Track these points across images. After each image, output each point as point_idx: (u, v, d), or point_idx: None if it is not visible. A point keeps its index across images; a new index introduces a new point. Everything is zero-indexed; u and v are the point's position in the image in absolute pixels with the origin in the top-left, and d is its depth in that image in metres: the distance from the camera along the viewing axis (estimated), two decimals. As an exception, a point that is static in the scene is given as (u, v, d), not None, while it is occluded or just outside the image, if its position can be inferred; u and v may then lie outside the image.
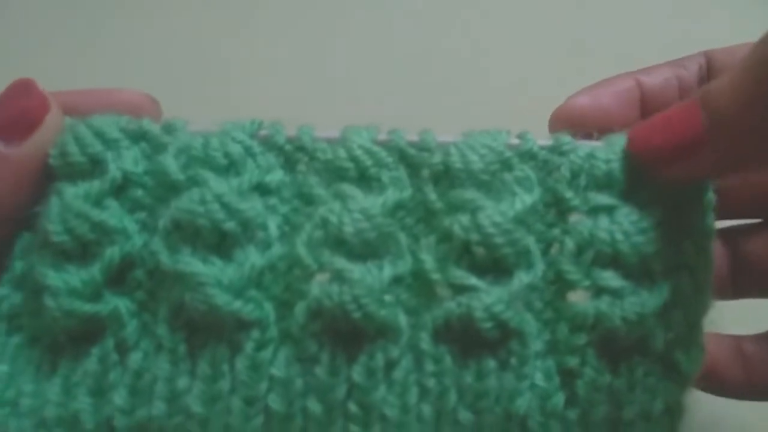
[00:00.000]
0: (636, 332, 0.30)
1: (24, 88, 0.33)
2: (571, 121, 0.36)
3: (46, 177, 0.33)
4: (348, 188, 0.32)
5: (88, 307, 0.31)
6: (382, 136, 0.34)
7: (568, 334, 0.31)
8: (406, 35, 0.66)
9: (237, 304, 0.31)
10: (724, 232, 0.38)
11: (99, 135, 0.33)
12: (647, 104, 0.38)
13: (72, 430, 0.31)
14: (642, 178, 0.32)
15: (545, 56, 0.64)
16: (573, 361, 0.31)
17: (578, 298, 0.31)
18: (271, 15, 0.69)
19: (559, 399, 0.31)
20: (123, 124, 0.34)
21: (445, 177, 0.32)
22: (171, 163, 0.33)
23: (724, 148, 0.28)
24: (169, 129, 0.34)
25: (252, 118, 0.34)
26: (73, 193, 0.32)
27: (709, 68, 0.38)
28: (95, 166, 0.33)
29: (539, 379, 0.31)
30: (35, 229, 0.33)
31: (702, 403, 0.39)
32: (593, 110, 0.36)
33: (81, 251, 0.32)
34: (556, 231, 0.32)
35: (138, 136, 0.34)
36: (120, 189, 0.33)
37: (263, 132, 0.34)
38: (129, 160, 0.33)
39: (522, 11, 0.68)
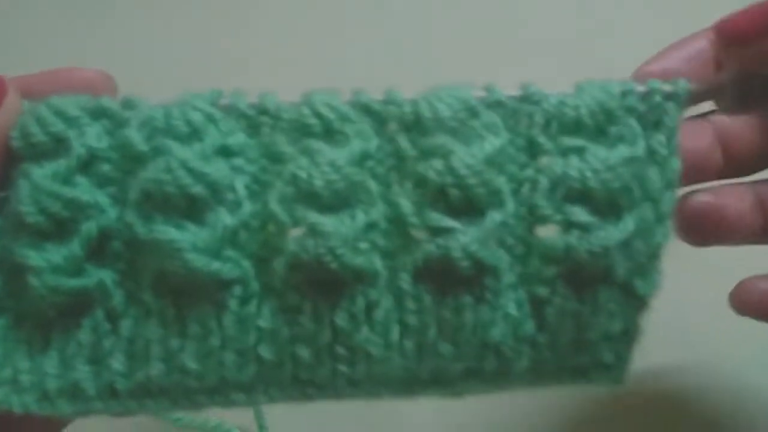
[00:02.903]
0: (601, 263, 0.32)
1: None
2: None
3: (9, 160, 0.33)
4: (314, 143, 0.32)
5: (73, 282, 0.32)
6: (346, 97, 0.33)
7: (539, 266, 0.33)
8: (407, 34, 0.66)
9: (215, 265, 0.32)
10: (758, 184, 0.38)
11: (59, 114, 0.33)
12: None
13: (75, 399, 0.33)
14: (612, 119, 0.33)
15: (546, 57, 0.63)
16: (543, 291, 0.33)
17: (547, 233, 0.33)
18: (271, 12, 0.67)
19: (530, 326, 0.33)
20: (82, 103, 0.33)
21: (416, 126, 0.33)
22: (134, 135, 0.32)
23: None
24: (128, 105, 0.34)
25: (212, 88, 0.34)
26: (41, 173, 0.32)
27: None
28: (58, 145, 0.33)
29: (511, 308, 0.32)
30: (3, 213, 0.33)
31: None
32: (664, 77, 0.35)
33: (56, 229, 0.32)
34: (529, 171, 0.33)
35: (98, 113, 0.33)
36: (86, 165, 0.33)
37: (224, 101, 0.34)
38: (92, 136, 0.33)
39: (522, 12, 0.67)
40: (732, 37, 0.34)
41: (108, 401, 0.33)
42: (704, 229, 0.36)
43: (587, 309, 0.33)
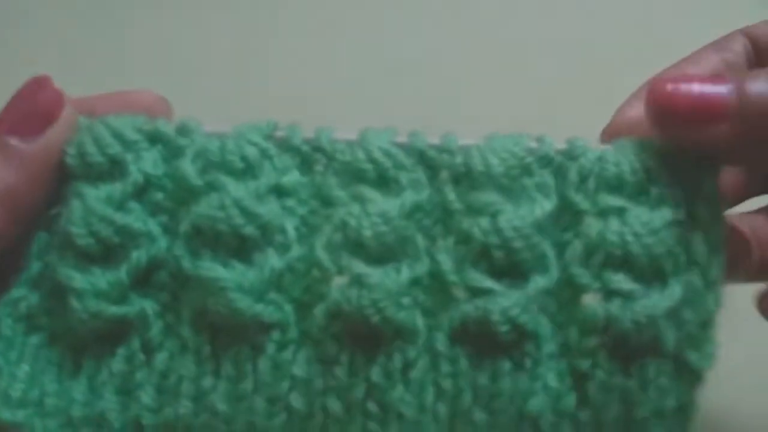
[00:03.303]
0: (647, 333, 0.31)
1: (39, 85, 0.34)
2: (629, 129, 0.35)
3: (61, 175, 0.34)
4: (367, 191, 0.32)
5: (114, 309, 0.32)
6: (401, 138, 0.34)
7: (580, 337, 0.32)
8: (414, 35, 0.67)
9: (258, 307, 0.32)
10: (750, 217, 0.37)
11: (117, 136, 0.33)
12: None
13: (99, 429, 0.33)
14: (652, 179, 0.32)
15: (545, 58, 0.64)
16: (584, 364, 0.31)
17: (592, 301, 0.32)
18: (278, 13, 0.68)
19: (571, 399, 0.32)
20: (139, 125, 0.34)
21: (466, 179, 0.32)
22: (189, 169, 0.33)
23: (749, 126, 0.29)
24: (183, 131, 0.34)
25: (267, 119, 0.34)
26: (95, 195, 0.33)
27: (755, 47, 0.38)
28: (114, 167, 0.33)
29: (552, 380, 0.31)
30: (52, 229, 0.33)
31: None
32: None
33: (104, 253, 0.33)
34: (569, 234, 0.33)
35: (155, 138, 0.34)
36: (141, 192, 0.34)
37: (279, 133, 0.34)
38: (149, 162, 0.34)
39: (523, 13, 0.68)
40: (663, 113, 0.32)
41: None
42: None
43: (634, 384, 0.31)
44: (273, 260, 0.32)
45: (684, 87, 0.31)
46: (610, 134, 0.36)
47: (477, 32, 0.67)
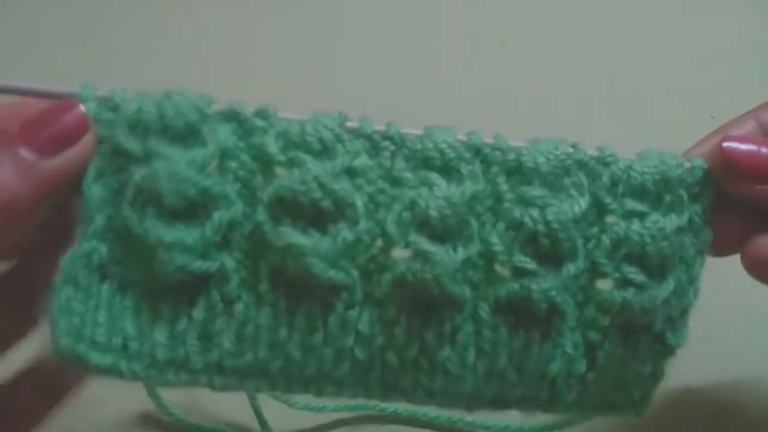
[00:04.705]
0: (647, 317, 0.38)
1: (68, 107, 0.35)
2: None
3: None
4: (434, 176, 0.37)
5: (200, 263, 0.35)
6: (461, 136, 0.38)
7: (595, 315, 0.39)
8: (407, 35, 0.68)
9: (331, 272, 0.36)
10: None
11: (196, 107, 0.36)
12: None
13: (182, 370, 0.36)
14: (667, 189, 0.38)
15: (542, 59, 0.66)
16: (596, 336, 0.39)
17: (604, 286, 0.39)
18: (272, 13, 0.69)
19: (582, 364, 0.39)
20: (210, 102, 0.36)
21: (517, 173, 0.38)
22: (272, 145, 0.36)
23: None
24: (262, 114, 0.37)
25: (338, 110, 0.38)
26: (180, 157, 0.35)
27: None
28: (189, 134, 0.36)
29: (569, 347, 0.38)
30: (105, 183, 0.36)
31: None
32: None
33: (187, 211, 0.35)
34: (595, 229, 0.39)
35: (230, 116, 0.37)
36: (217, 160, 0.36)
37: (349, 123, 0.38)
38: (224, 135, 0.36)
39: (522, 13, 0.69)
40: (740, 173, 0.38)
41: (213, 376, 0.36)
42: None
43: (629, 354, 0.39)
44: (345, 232, 0.36)
45: (748, 147, 0.38)
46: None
47: (477, 32, 0.69)
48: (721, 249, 0.41)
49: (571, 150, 0.39)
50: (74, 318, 0.35)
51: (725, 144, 0.39)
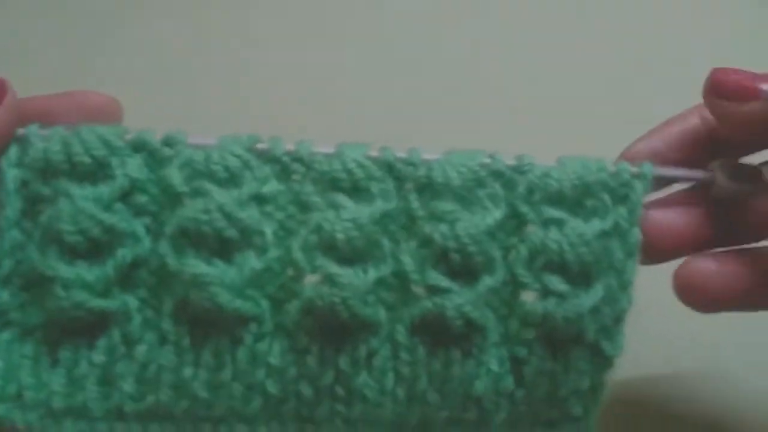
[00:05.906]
0: (574, 327, 0.37)
1: None
2: None
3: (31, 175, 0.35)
4: (342, 198, 0.36)
5: (99, 301, 0.34)
6: (374, 152, 0.37)
7: (519, 329, 0.37)
8: (401, 39, 0.68)
9: (237, 302, 0.35)
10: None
11: (103, 141, 0.35)
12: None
13: (81, 418, 0.34)
14: (588, 193, 0.37)
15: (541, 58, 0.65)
16: (522, 351, 0.37)
17: (528, 298, 0.38)
18: (266, 19, 0.69)
19: (509, 381, 0.37)
20: (122, 133, 0.36)
21: (428, 189, 0.37)
22: (176, 176, 0.35)
23: None
24: (169, 141, 0.36)
25: (249, 133, 0.37)
26: (84, 195, 0.34)
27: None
28: (98, 170, 0.35)
29: (494, 365, 0.37)
30: (23, 228, 0.35)
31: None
32: (651, 158, 0.39)
33: (90, 250, 0.35)
34: (514, 239, 0.38)
35: (139, 146, 0.36)
36: (125, 195, 0.35)
37: (261, 145, 0.37)
38: (134, 167, 0.35)
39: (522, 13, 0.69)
40: (724, 94, 0.37)
41: (114, 423, 0.35)
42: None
43: (560, 367, 0.37)
44: (252, 260, 0.35)
45: (735, 73, 0.37)
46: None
47: (476, 33, 0.68)
48: (657, 254, 0.40)
49: (487, 161, 0.38)
50: None
51: (712, 72, 0.37)
